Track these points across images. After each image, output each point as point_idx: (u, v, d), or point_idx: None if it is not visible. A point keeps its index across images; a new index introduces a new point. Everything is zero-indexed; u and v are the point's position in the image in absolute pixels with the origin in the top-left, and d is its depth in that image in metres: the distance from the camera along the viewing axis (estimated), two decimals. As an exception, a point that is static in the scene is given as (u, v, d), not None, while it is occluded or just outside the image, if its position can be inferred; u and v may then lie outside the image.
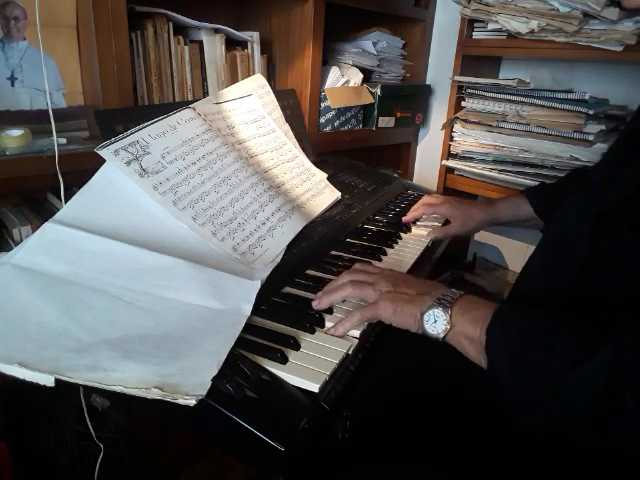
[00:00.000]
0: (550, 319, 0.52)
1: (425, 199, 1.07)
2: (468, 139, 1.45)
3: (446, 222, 1.04)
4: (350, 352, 0.59)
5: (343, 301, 0.67)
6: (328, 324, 0.63)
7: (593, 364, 0.45)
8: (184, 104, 0.83)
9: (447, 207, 1.02)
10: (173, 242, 0.68)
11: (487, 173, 1.39)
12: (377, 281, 0.64)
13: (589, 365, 0.45)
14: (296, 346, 0.57)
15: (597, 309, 0.58)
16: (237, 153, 0.84)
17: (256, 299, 0.62)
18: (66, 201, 0.69)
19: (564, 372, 0.46)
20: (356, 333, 0.62)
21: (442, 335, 0.56)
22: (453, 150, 1.50)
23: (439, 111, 1.62)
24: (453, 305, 0.57)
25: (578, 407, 0.47)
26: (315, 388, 0.51)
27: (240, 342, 0.55)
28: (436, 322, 0.57)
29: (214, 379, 0.48)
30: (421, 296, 0.60)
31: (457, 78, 1.40)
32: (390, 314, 0.60)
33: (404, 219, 1.03)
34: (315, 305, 0.65)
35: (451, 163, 1.49)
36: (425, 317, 0.57)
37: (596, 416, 0.46)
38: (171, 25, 0.97)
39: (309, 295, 0.69)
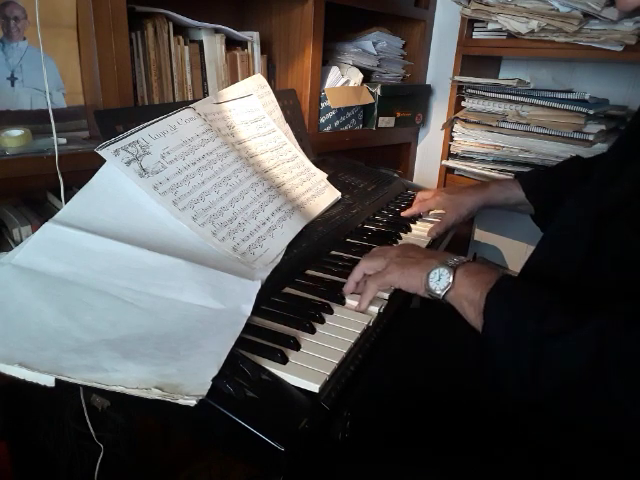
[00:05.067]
0: (548, 293, 0.54)
1: (419, 195, 1.09)
2: (468, 139, 1.44)
3: None
4: (350, 352, 0.59)
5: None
6: (329, 323, 0.63)
7: (579, 333, 0.47)
8: (184, 104, 0.83)
9: (437, 200, 1.04)
10: (173, 242, 0.68)
11: (487, 173, 1.39)
12: (388, 251, 0.69)
13: (575, 334, 0.47)
14: (296, 346, 0.57)
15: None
16: (237, 153, 0.84)
17: (256, 299, 0.62)
18: (66, 201, 0.69)
19: (552, 339, 0.48)
20: (357, 331, 0.62)
21: (443, 293, 0.60)
22: (453, 150, 1.50)
23: (439, 111, 1.62)
24: (458, 267, 0.60)
25: (563, 375, 0.48)
26: (315, 388, 0.51)
27: (240, 342, 0.55)
28: (440, 279, 0.60)
29: (214, 379, 0.48)
30: (428, 259, 0.63)
31: (457, 78, 1.40)
32: (397, 277, 0.64)
33: (402, 214, 1.06)
34: (345, 290, 0.70)
35: (451, 163, 1.49)
36: (431, 275, 0.61)
37: (579, 386, 0.47)
38: (171, 25, 0.97)
39: (309, 295, 0.70)
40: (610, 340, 0.45)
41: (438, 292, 0.60)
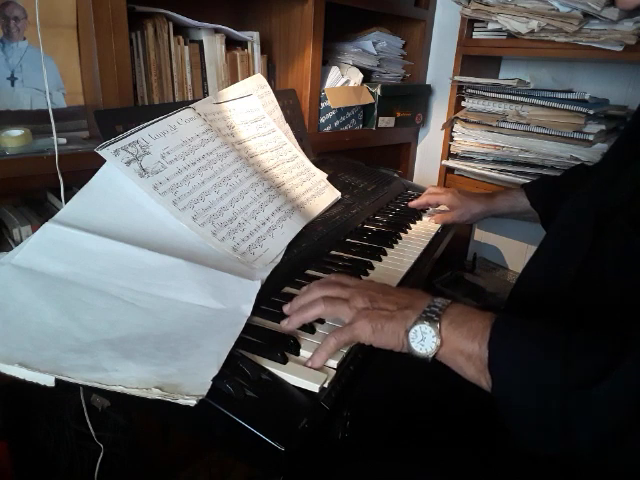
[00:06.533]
0: (558, 330, 0.46)
1: (430, 188, 1.13)
2: (468, 139, 1.45)
3: None
4: (350, 352, 0.58)
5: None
6: (329, 323, 0.63)
7: (619, 375, 0.41)
8: (184, 104, 0.83)
9: (449, 196, 1.07)
10: (173, 242, 0.68)
11: (487, 173, 1.39)
12: (353, 296, 0.56)
13: (615, 377, 0.41)
14: (296, 346, 0.57)
15: (598, 309, 0.58)
16: (237, 153, 0.84)
17: (256, 299, 0.62)
18: (66, 201, 0.69)
19: (589, 388, 0.42)
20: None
21: (432, 354, 0.50)
22: (453, 150, 1.50)
23: (439, 111, 1.62)
24: (442, 318, 0.50)
25: (605, 424, 0.41)
26: (315, 388, 0.51)
27: (240, 342, 0.55)
28: (424, 339, 0.50)
29: (214, 379, 0.48)
30: (403, 310, 0.53)
31: (457, 78, 1.40)
32: (369, 334, 0.53)
33: (410, 204, 1.09)
34: (284, 326, 0.59)
35: (451, 163, 1.49)
36: (411, 335, 0.51)
37: (627, 432, 0.41)
38: (171, 25, 0.97)
39: (309, 295, 0.69)
40: None
41: (427, 355, 0.50)
